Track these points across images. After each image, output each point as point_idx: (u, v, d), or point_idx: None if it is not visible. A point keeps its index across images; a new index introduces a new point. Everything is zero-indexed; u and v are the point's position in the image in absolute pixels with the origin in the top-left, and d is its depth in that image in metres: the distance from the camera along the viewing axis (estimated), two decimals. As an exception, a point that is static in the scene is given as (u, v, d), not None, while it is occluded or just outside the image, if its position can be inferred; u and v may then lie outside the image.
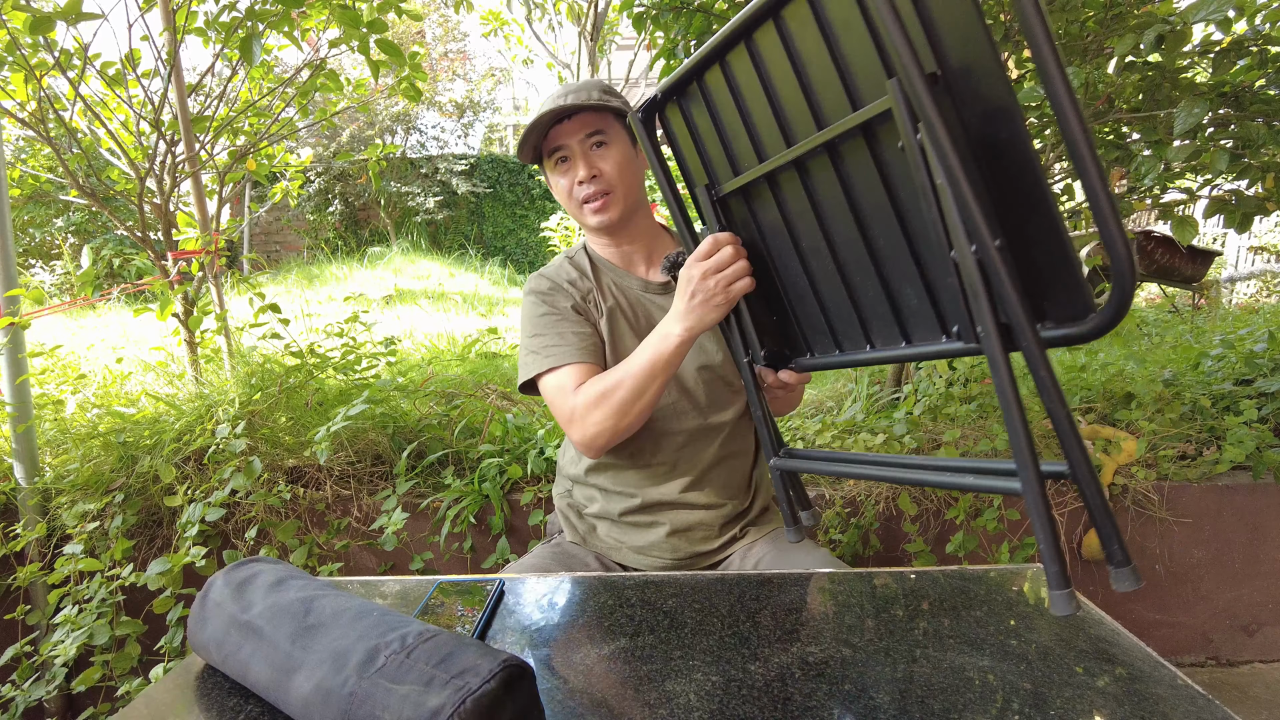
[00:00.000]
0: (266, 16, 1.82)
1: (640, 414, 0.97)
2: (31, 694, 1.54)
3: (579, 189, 1.05)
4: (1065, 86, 0.44)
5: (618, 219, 1.06)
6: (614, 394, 0.96)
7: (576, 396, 1.00)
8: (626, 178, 1.06)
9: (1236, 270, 6.48)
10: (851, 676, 0.61)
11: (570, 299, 1.09)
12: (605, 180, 1.04)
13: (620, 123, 1.07)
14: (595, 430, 0.98)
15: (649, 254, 1.14)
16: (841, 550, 1.72)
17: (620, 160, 1.05)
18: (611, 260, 1.14)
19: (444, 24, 9.82)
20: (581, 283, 1.11)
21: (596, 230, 1.09)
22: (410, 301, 5.09)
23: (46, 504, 1.72)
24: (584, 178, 1.04)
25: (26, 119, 1.87)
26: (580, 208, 1.06)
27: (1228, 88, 1.56)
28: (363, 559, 1.75)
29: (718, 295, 0.82)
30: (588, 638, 0.69)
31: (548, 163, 1.08)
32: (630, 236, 1.12)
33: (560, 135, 1.04)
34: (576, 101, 1.01)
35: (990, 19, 1.78)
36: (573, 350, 1.04)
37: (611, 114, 1.05)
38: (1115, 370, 2.33)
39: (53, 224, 6.44)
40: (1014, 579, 0.80)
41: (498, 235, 9.02)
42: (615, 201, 1.05)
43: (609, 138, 1.04)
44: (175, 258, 1.96)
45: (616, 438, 0.99)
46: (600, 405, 0.97)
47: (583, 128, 1.03)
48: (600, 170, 1.04)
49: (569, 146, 1.04)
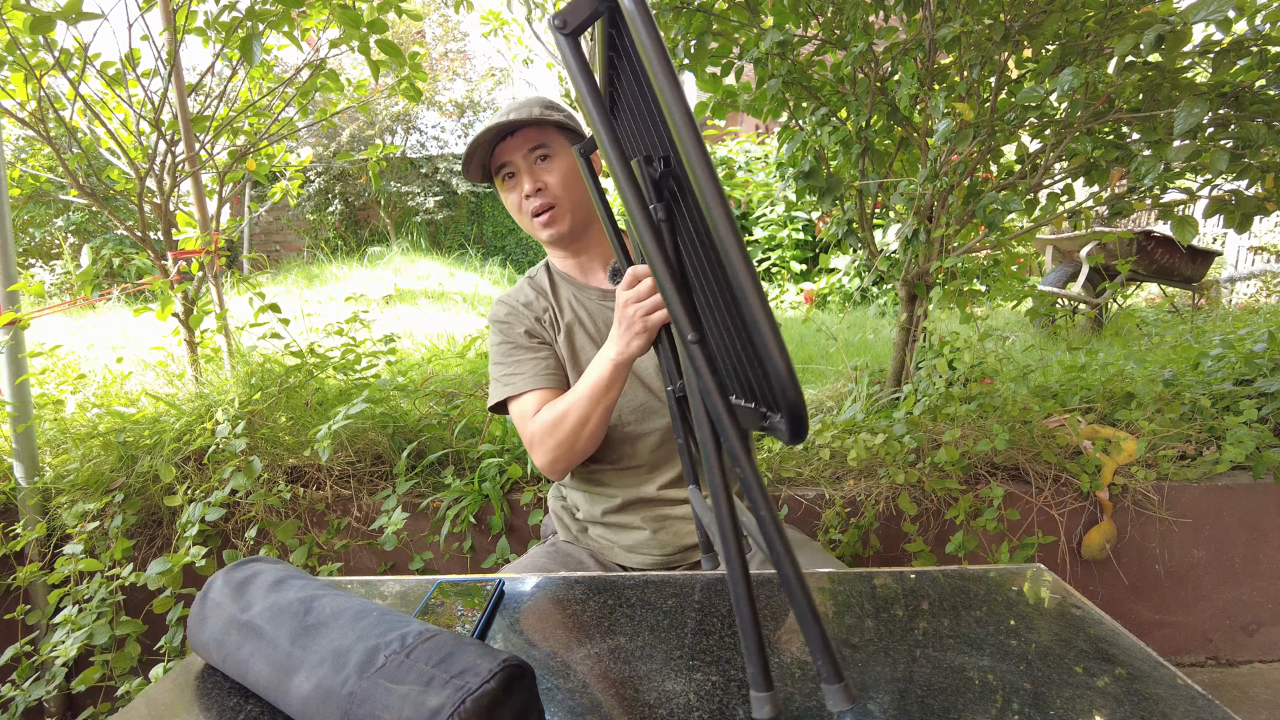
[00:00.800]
0: (266, 16, 1.82)
1: (590, 438, 1.00)
2: (31, 694, 1.54)
3: (527, 203, 1.07)
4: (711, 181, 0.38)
5: (567, 230, 1.09)
6: (563, 422, 0.99)
7: (532, 424, 1.04)
8: (572, 190, 1.07)
9: (1236, 270, 6.48)
10: (852, 676, 0.61)
11: (525, 323, 1.11)
12: (550, 193, 1.06)
13: (564, 136, 1.08)
14: (552, 456, 1.02)
15: (607, 261, 1.16)
16: (841, 550, 1.72)
17: (565, 172, 1.06)
18: (570, 273, 1.16)
19: (444, 24, 9.82)
20: (538, 303, 1.14)
21: (549, 243, 1.12)
22: (410, 301, 5.08)
23: (46, 504, 1.72)
24: (529, 191, 1.06)
25: (26, 118, 1.86)
26: (531, 221, 1.08)
27: (1228, 88, 1.56)
28: (363, 559, 1.75)
29: (636, 324, 0.84)
30: (588, 637, 0.69)
31: (497, 181, 1.10)
32: (585, 246, 1.14)
33: (505, 152, 1.06)
34: (518, 117, 1.03)
35: (990, 19, 1.78)
36: (528, 378, 1.07)
37: (554, 128, 1.07)
38: (1115, 370, 2.33)
39: (53, 224, 6.44)
40: (1014, 579, 0.80)
41: (498, 235, 9.01)
42: (562, 214, 1.07)
43: (552, 151, 1.06)
44: (175, 257, 1.96)
45: (574, 461, 1.03)
46: (553, 433, 1.00)
47: (526, 143, 1.05)
48: (545, 183, 1.06)
49: (514, 162, 1.06)
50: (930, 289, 2.11)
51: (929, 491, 1.76)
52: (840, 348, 2.94)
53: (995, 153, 1.99)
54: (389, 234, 8.51)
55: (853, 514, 1.76)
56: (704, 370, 0.47)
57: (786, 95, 1.99)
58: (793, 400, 0.38)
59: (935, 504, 1.76)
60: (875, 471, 1.83)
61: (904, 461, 1.80)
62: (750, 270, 0.37)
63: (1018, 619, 0.70)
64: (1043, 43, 1.77)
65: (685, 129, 0.37)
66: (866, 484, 1.79)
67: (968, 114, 1.74)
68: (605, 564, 1.14)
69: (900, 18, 1.89)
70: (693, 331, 0.47)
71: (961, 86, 1.80)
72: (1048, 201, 1.93)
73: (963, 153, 1.88)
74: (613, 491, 1.12)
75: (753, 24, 1.93)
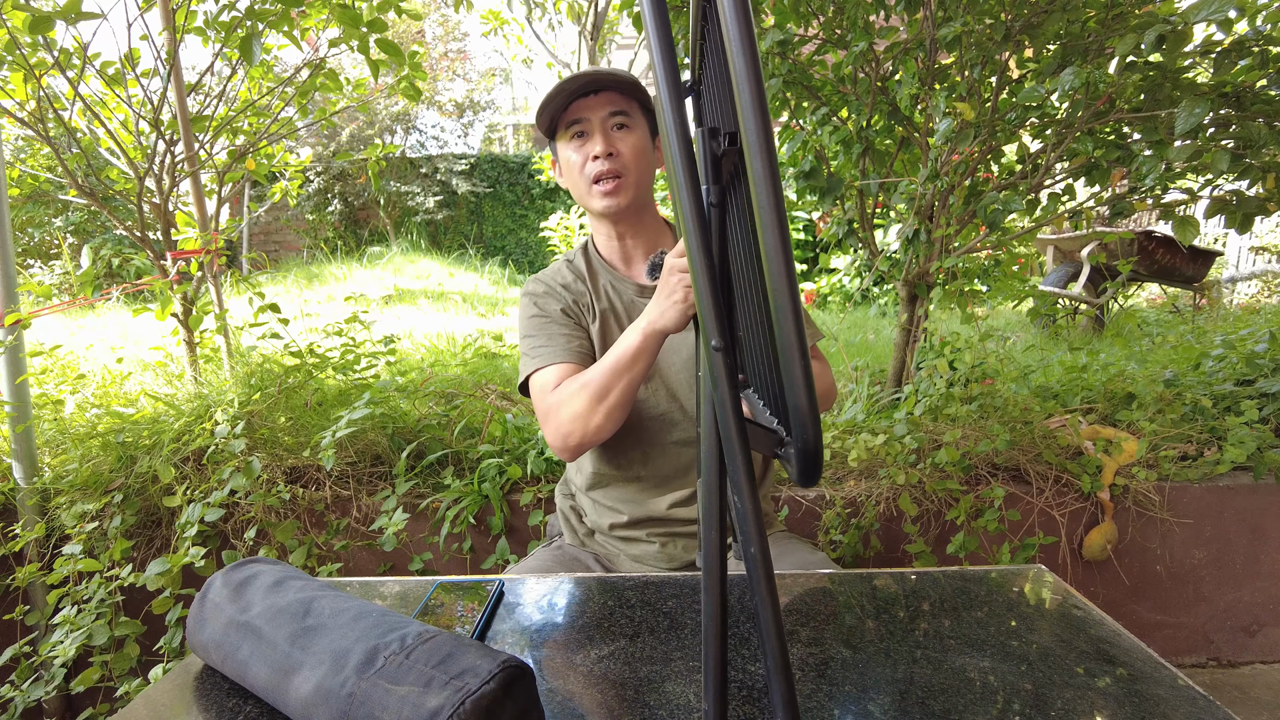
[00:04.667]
0: (266, 16, 1.82)
1: (609, 413, 0.92)
2: (30, 694, 1.54)
3: (592, 164, 1.01)
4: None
5: (626, 205, 1.03)
6: (582, 392, 0.93)
7: (551, 396, 0.98)
8: (641, 165, 1.03)
9: (1237, 270, 6.48)
10: (852, 677, 0.61)
11: (561, 301, 1.07)
12: (621, 161, 1.01)
13: (643, 115, 1.05)
14: (566, 429, 0.95)
15: (649, 251, 1.12)
16: (842, 551, 1.72)
17: (639, 147, 1.02)
18: (612, 260, 1.12)
19: (444, 23, 9.82)
20: (575, 286, 1.10)
21: (602, 215, 1.05)
22: (410, 301, 5.08)
23: (45, 504, 1.71)
24: (600, 153, 1.00)
25: (26, 118, 1.86)
26: (590, 186, 1.02)
27: (1229, 88, 1.56)
28: (362, 559, 1.75)
29: (678, 292, 0.80)
30: (588, 639, 0.69)
31: (562, 134, 1.03)
32: (634, 230, 1.09)
33: (582, 108, 1.00)
34: (605, 73, 0.99)
35: (990, 19, 1.78)
36: (558, 351, 1.02)
37: (638, 103, 1.03)
38: (1116, 370, 2.33)
39: (52, 224, 6.43)
40: (1015, 580, 0.80)
41: (497, 235, 9.01)
42: (627, 186, 1.02)
43: (631, 122, 1.02)
44: (174, 257, 1.96)
45: (588, 438, 0.95)
46: (570, 402, 0.94)
47: (608, 105, 1.00)
48: (618, 150, 1.00)
49: (589, 121, 1.00)
50: (931, 289, 2.11)
51: (930, 492, 1.76)
52: (841, 348, 2.94)
53: (996, 153, 1.99)
54: (388, 234, 8.51)
55: (853, 515, 1.75)
56: (723, 382, 0.41)
57: (787, 95, 1.99)
58: (809, 440, 0.33)
59: (936, 505, 1.76)
60: (876, 472, 1.83)
61: (905, 462, 1.80)
62: (791, 287, 0.33)
63: (1019, 620, 0.70)
64: (1044, 42, 1.77)
65: (753, 106, 0.32)
66: (867, 484, 1.79)
67: (968, 114, 1.74)
68: (608, 569, 1.13)
69: (901, 17, 1.89)
70: (718, 338, 0.41)
71: (962, 86, 1.79)
72: (1048, 201, 1.93)
73: (963, 153, 1.88)
74: (621, 508, 1.09)
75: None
